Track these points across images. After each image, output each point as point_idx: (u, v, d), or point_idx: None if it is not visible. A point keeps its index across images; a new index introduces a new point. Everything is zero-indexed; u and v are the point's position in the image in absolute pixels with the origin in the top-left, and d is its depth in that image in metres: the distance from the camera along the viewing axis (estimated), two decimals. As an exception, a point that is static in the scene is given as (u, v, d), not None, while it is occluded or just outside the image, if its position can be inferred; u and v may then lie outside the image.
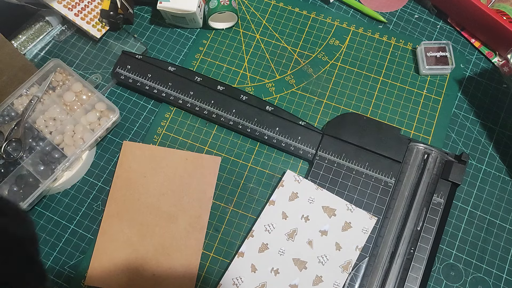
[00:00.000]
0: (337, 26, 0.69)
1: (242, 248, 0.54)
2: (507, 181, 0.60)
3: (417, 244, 0.54)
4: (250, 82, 0.66)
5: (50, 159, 0.57)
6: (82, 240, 0.57)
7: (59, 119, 0.60)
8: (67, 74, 0.63)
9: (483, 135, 0.62)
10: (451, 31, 0.69)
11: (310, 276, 0.53)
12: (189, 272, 0.55)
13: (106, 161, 0.61)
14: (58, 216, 0.58)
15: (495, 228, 0.57)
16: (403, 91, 0.64)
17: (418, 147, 0.58)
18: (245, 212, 0.58)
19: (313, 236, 0.54)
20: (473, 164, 0.60)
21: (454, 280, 0.55)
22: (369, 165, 0.58)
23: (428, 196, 0.56)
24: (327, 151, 0.59)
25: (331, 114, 0.63)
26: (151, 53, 0.68)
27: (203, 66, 0.67)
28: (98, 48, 0.68)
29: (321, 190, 0.56)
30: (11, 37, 0.66)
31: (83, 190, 0.60)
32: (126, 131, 0.63)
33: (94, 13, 0.67)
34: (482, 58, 0.67)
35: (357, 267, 0.54)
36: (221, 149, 0.61)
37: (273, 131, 0.60)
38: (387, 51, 0.67)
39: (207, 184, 0.59)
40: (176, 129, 0.63)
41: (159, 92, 0.63)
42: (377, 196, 0.57)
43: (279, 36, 0.68)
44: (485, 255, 0.56)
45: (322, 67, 0.66)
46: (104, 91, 0.65)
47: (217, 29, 0.69)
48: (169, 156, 0.60)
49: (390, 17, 0.70)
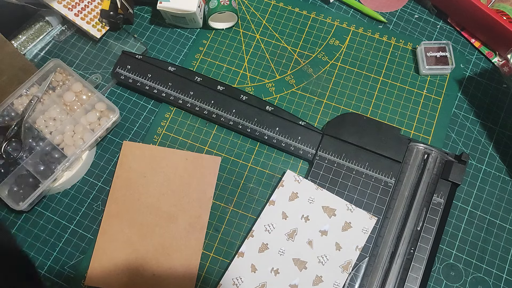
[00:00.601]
0: (337, 26, 0.69)
1: (242, 248, 0.54)
2: (507, 181, 0.60)
3: (417, 244, 0.54)
4: (250, 82, 0.66)
5: (50, 159, 0.57)
6: (82, 240, 0.57)
7: (59, 119, 0.60)
8: (67, 74, 0.63)
9: (483, 135, 0.62)
10: (451, 31, 0.69)
11: (310, 276, 0.53)
12: (189, 272, 0.55)
13: (106, 161, 0.61)
14: (58, 216, 0.58)
15: (495, 228, 0.57)
16: (403, 91, 0.64)
17: (418, 147, 0.58)
18: (245, 212, 0.58)
19: (313, 236, 0.54)
20: (473, 164, 0.60)
21: (454, 280, 0.55)
22: (369, 165, 0.58)
23: (428, 196, 0.56)
24: (327, 151, 0.59)
25: (331, 114, 0.63)
26: (151, 53, 0.68)
27: (203, 66, 0.67)
28: (98, 48, 0.68)
29: (321, 190, 0.56)
30: (11, 37, 0.66)
31: (83, 190, 0.60)
32: (126, 131, 0.63)
33: (94, 13, 0.67)
34: (482, 58, 0.67)
35: (357, 267, 0.54)
36: (221, 149, 0.61)
37: (273, 131, 0.60)
38: (387, 51, 0.67)
39: (207, 184, 0.59)
40: (176, 129, 0.63)
41: (159, 92, 0.63)
42: (377, 196, 0.57)
43: (279, 36, 0.68)
44: (485, 255, 0.56)
45: (322, 67, 0.66)
46: (104, 91, 0.65)
47: (217, 29, 0.69)
48: (169, 156, 0.60)
49: (390, 17, 0.70)
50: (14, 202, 0.55)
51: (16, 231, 0.58)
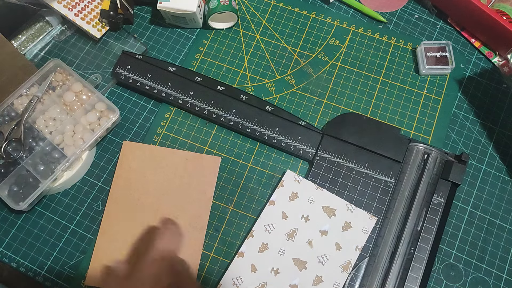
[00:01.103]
0: (337, 26, 0.69)
1: (242, 248, 0.54)
2: (507, 181, 0.60)
3: (417, 244, 0.54)
4: (250, 82, 0.66)
5: (50, 159, 0.57)
6: (82, 240, 0.57)
7: (59, 119, 0.60)
8: (67, 74, 0.63)
9: (483, 135, 0.62)
10: (451, 31, 0.69)
11: (310, 276, 0.53)
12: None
13: (106, 161, 0.61)
14: (58, 216, 0.58)
15: (495, 228, 0.57)
16: (403, 91, 0.64)
17: (418, 147, 0.58)
18: (245, 212, 0.58)
19: (313, 236, 0.54)
20: (473, 164, 0.60)
21: (454, 280, 0.55)
22: (369, 165, 0.58)
23: (428, 196, 0.56)
24: (327, 151, 0.59)
25: (331, 114, 0.63)
26: (151, 53, 0.68)
27: (203, 66, 0.67)
28: (98, 48, 0.68)
29: (321, 190, 0.56)
30: (11, 37, 0.66)
31: (83, 190, 0.60)
32: (126, 131, 0.63)
33: (94, 13, 0.67)
34: (482, 58, 0.67)
35: (357, 267, 0.54)
36: (221, 149, 0.61)
37: (273, 131, 0.60)
38: (387, 51, 0.67)
39: (207, 184, 0.59)
40: (176, 129, 0.63)
41: (159, 92, 0.63)
42: (377, 196, 0.57)
43: (279, 36, 0.68)
44: (485, 255, 0.56)
45: (322, 67, 0.66)
46: (104, 91, 0.65)
47: (217, 29, 0.69)
48: (169, 156, 0.60)
49: (390, 17, 0.70)
50: (14, 202, 0.55)
51: (16, 231, 0.58)
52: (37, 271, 0.56)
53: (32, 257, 0.56)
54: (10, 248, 0.57)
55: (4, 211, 0.58)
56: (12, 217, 0.58)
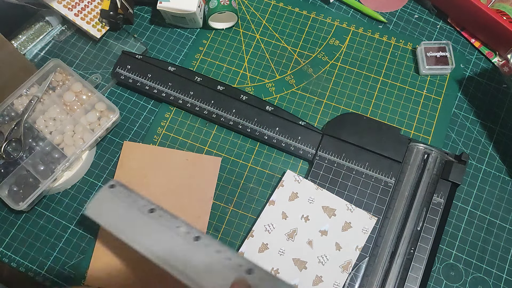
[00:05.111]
0: (337, 26, 0.69)
1: (242, 248, 0.54)
2: (507, 181, 0.60)
3: (417, 244, 0.54)
4: (250, 82, 0.66)
5: (50, 159, 0.58)
6: (82, 240, 0.57)
7: (59, 119, 0.60)
8: (67, 74, 0.63)
9: (483, 135, 0.62)
10: (451, 31, 0.69)
11: (310, 276, 0.53)
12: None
13: (106, 161, 0.61)
14: (58, 216, 0.58)
15: (495, 228, 0.57)
16: (403, 91, 0.64)
17: (418, 147, 0.58)
18: (245, 212, 0.58)
19: (313, 236, 0.54)
20: (473, 164, 0.60)
21: (454, 280, 0.55)
22: (369, 165, 0.58)
23: (428, 196, 0.56)
24: (327, 151, 0.59)
25: (331, 114, 0.63)
26: (151, 53, 0.68)
27: (203, 66, 0.67)
28: (98, 48, 0.68)
29: (321, 190, 0.56)
30: (11, 37, 0.66)
31: (83, 190, 0.60)
32: (126, 131, 0.63)
33: (94, 13, 0.67)
34: (482, 58, 0.67)
35: (357, 267, 0.54)
36: (221, 149, 0.61)
37: (273, 131, 0.60)
38: (387, 51, 0.67)
39: (208, 185, 0.59)
40: (176, 129, 0.63)
41: (159, 92, 0.63)
42: (377, 196, 0.57)
43: (279, 36, 0.68)
44: (485, 255, 0.56)
45: (322, 67, 0.66)
46: (104, 91, 0.65)
47: (217, 29, 0.69)
48: (169, 157, 0.60)
49: (390, 17, 0.70)
50: (14, 202, 0.55)
51: (16, 231, 0.58)
52: (37, 271, 0.56)
53: (32, 257, 0.56)
54: (10, 248, 0.57)
55: (4, 211, 0.59)
56: (12, 217, 0.58)
